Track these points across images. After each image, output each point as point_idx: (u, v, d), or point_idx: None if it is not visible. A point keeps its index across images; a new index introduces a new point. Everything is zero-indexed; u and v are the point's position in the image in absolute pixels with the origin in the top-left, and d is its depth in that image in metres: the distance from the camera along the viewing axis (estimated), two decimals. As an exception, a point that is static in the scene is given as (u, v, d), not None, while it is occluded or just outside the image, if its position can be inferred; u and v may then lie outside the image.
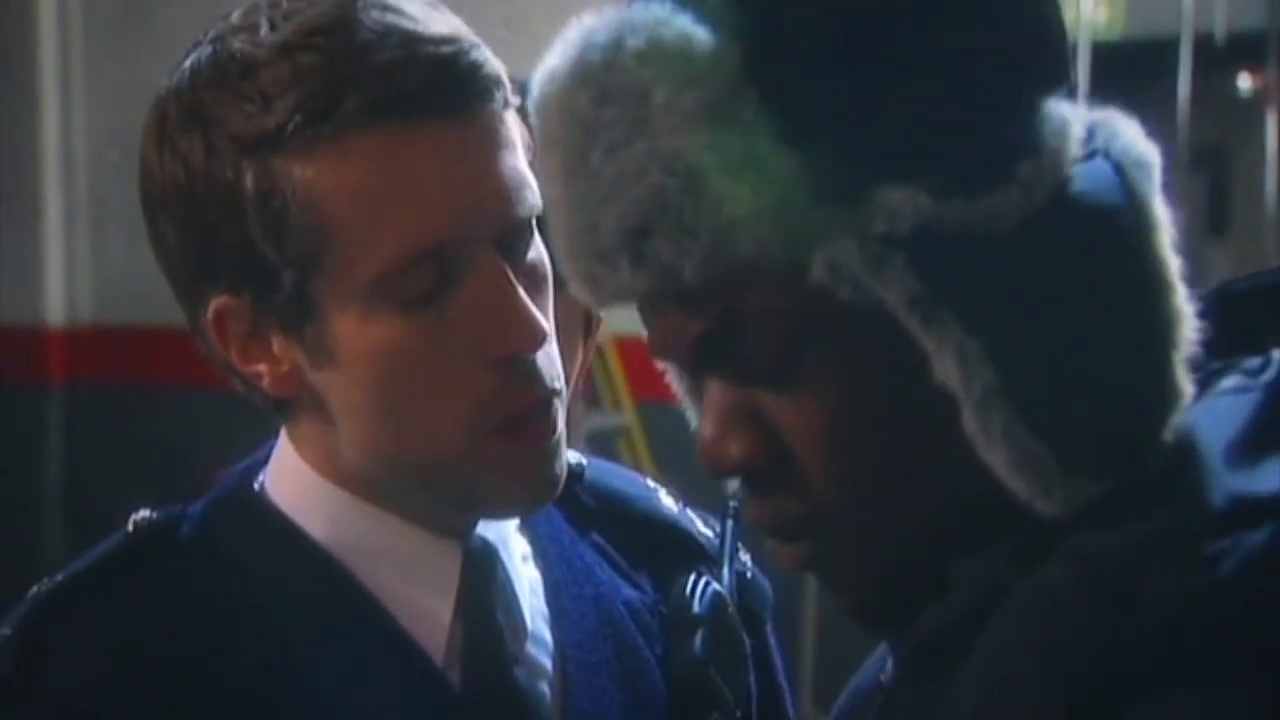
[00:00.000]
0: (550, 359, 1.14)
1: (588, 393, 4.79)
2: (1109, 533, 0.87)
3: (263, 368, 1.14)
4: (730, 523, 1.16)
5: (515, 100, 1.13)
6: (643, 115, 0.88)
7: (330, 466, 1.17)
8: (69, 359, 6.08)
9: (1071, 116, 0.91)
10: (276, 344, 1.13)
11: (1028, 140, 0.89)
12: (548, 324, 1.13)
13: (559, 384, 1.15)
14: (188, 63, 1.13)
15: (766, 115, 0.87)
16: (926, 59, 0.88)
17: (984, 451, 0.88)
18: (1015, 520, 0.90)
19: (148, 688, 1.12)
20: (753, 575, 1.33)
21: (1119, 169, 0.91)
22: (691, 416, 0.99)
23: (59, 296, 6.08)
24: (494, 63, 1.12)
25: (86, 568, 1.18)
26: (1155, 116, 0.96)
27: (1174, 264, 0.91)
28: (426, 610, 1.17)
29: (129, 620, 1.14)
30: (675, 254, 0.88)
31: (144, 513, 1.20)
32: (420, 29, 1.09)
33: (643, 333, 0.95)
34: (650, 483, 1.39)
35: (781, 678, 1.36)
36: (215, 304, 1.13)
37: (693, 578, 1.25)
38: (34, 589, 1.18)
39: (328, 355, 1.11)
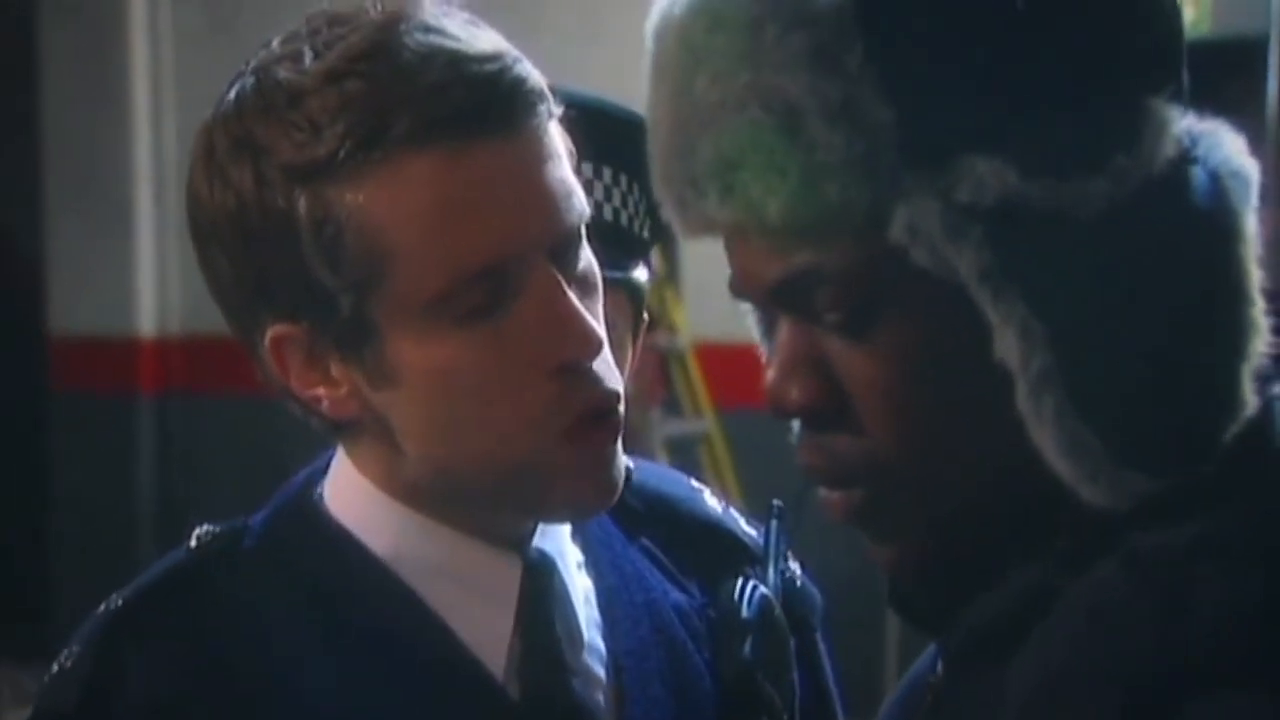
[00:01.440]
0: (608, 364, 1.15)
1: (664, 398, 4.79)
2: (1162, 533, 0.87)
3: (321, 391, 1.15)
4: (775, 523, 1.17)
5: (558, 110, 1.14)
6: (751, 48, 0.90)
7: (390, 482, 1.17)
8: (160, 369, 6.16)
9: (1175, 119, 0.91)
10: (334, 368, 1.14)
11: (1126, 134, 0.89)
12: (602, 331, 1.13)
13: (619, 387, 1.15)
14: (232, 93, 1.13)
15: (871, 67, 0.88)
16: (1038, 38, 0.89)
17: (1034, 432, 0.89)
18: (1065, 511, 0.90)
19: (219, 699, 1.13)
20: (802, 584, 1.34)
21: (1215, 178, 0.91)
22: (764, 352, 1.00)
23: (150, 307, 6.15)
24: (536, 76, 1.12)
25: (153, 582, 1.20)
26: (1242, 118, 0.95)
27: (1255, 277, 0.91)
28: (487, 623, 1.17)
29: (198, 632, 1.16)
30: (762, 191, 0.90)
31: (205, 527, 1.21)
32: (463, 48, 1.09)
33: (722, 338, 0.95)
34: (694, 483, 1.40)
35: (829, 679, 1.37)
36: (272, 331, 1.14)
37: (740, 581, 1.25)
38: (102, 605, 1.19)
39: (387, 376, 1.12)
